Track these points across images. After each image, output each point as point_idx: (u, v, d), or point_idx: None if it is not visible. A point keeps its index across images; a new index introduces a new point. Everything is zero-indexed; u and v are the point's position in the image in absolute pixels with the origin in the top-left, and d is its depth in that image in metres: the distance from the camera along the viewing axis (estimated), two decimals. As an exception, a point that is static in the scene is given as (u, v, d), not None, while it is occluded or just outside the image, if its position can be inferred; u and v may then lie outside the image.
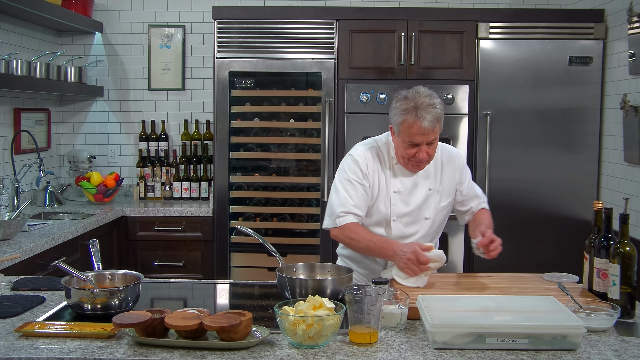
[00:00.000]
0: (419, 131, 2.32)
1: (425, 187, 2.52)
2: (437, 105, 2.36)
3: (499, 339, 1.70)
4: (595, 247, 2.10)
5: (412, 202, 2.50)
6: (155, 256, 4.18)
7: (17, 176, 3.99)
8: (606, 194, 3.94)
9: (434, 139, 2.39)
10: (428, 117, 2.32)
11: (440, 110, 2.36)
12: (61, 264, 2.06)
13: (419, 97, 2.34)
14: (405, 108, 2.34)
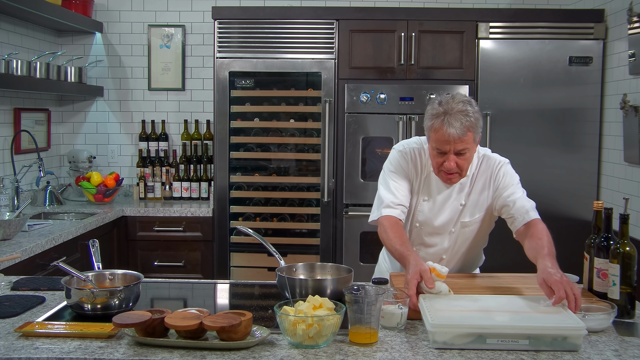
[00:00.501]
0: (445, 138, 2.19)
1: (458, 202, 2.38)
2: (470, 113, 2.20)
3: (499, 339, 1.70)
4: (595, 247, 2.10)
5: (441, 215, 2.39)
6: (155, 256, 4.18)
7: (17, 176, 3.99)
8: (606, 194, 3.94)
9: (464, 149, 2.22)
10: (456, 124, 2.18)
11: (473, 118, 2.20)
12: (61, 264, 2.06)
13: (452, 102, 2.21)
14: (435, 113, 2.23)
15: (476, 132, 2.24)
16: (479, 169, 2.40)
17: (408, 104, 4.01)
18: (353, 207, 4.05)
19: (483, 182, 2.39)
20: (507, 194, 2.37)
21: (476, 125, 2.23)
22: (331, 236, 4.12)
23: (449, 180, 2.32)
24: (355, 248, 4.06)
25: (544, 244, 2.19)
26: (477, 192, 2.40)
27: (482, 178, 2.40)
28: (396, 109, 4.01)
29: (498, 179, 2.39)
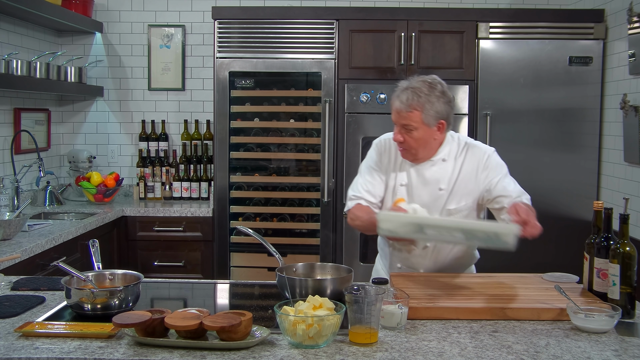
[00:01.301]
0: (392, 108, 2.31)
1: (437, 187, 2.39)
2: (423, 92, 2.28)
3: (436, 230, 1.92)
4: (595, 247, 2.10)
5: (418, 199, 2.37)
6: (155, 256, 4.18)
7: (17, 176, 3.99)
8: (606, 194, 3.94)
9: (408, 124, 2.29)
10: (403, 98, 2.29)
11: (424, 99, 2.27)
12: (61, 264, 2.06)
13: (416, 80, 2.33)
14: (399, 85, 2.38)
15: (426, 113, 2.27)
16: (465, 156, 2.41)
17: (408, 104, 4.00)
18: (353, 207, 4.05)
19: (471, 169, 2.40)
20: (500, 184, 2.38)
21: (425, 106, 2.27)
22: (331, 236, 4.12)
23: (402, 154, 2.40)
24: (355, 248, 4.05)
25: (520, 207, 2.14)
26: (464, 180, 2.39)
27: (470, 166, 2.40)
28: (396, 109, 4.00)
29: (488, 169, 2.40)
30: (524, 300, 2.08)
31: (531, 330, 1.89)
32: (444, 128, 2.35)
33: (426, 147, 2.37)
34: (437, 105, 2.29)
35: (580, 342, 1.79)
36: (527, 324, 1.95)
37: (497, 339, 1.81)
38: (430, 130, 2.32)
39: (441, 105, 2.31)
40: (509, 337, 1.83)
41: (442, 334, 1.85)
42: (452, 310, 1.99)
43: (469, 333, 1.86)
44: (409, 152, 2.38)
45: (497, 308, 1.99)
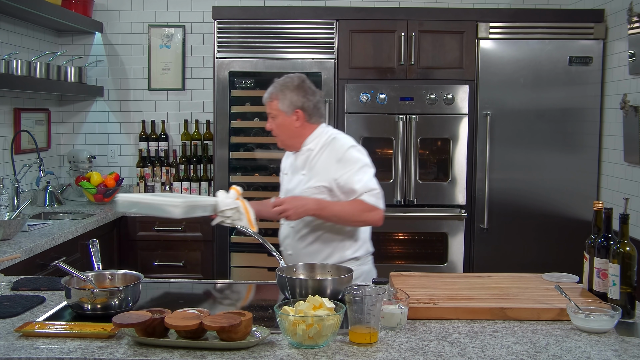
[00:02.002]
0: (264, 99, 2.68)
1: (301, 172, 2.67)
2: (279, 84, 2.63)
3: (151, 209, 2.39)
4: (595, 247, 2.10)
5: (291, 185, 2.70)
6: (155, 256, 4.18)
7: (17, 176, 3.99)
8: (606, 194, 3.94)
9: (270, 112, 2.65)
10: (269, 90, 2.66)
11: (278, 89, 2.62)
12: (61, 264, 2.06)
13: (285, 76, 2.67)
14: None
15: (282, 102, 2.61)
16: (327, 148, 2.64)
17: (408, 104, 4.01)
18: (353, 207, 4.05)
19: (327, 157, 2.62)
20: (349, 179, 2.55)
21: (279, 96, 2.62)
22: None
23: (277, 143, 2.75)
24: (355, 248, 4.05)
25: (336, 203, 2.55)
26: (320, 165, 2.62)
27: (327, 154, 2.63)
28: (396, 109, 4.01)
29: (341, 162, 2.59)
30: (524, 300, 2.08)
31: (531, 330, 1.89)
32: (302, 117, 2.63)
33: (291, 135, 2.67)
34: (290, 95, 2.61)
35: (580, 342, 1.79)
36: (527, 324, 1.95)
37: (497, 339, 1.81)
38: (289, 118, 2.63)
39: (295, 97, 2.61)
40: (509, 337, 1.83)
41: (442, 334, 1.85)
42: (452, 310, 1.99)
43: (469, 333, 1.86)
44: (279, 140, 2.71)
45: (497, 308, 1.99)
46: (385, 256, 4.24)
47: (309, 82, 2.68)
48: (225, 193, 2.51)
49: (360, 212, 2.51)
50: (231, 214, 2.49)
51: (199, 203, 2.48)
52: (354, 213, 2.51)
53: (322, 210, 2.50)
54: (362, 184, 2.53)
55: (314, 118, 2.66)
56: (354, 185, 2.53)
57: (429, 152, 4.12)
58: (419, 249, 4.23)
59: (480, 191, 4.03)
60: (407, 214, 4.02)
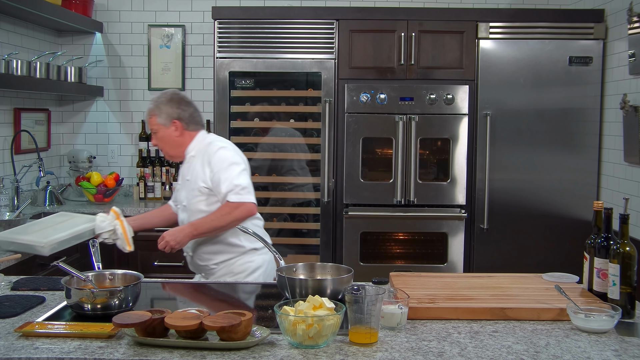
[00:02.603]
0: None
1: (186, 178, 2.85)
2: (153, 102, 2.83)
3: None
4: (595, 247, 2.10)
5: (180, 191, 2.90)
6: (155, 256, 4.17)
7: (17, 176, 3.99)
8: (606, 194, 3.94)
9: (152, 128, 2.84)
10: (147, 109, 2.88)
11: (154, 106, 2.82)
12: (61, 264, 2.06)
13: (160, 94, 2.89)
14: None
15: (159, 117, 2.80)
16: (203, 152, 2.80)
17: (408, 104, 4.01)
18: (353, 207, 4.05)
19: (201, 161, 2.77)
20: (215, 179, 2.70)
21: (156, 111, 2.80)
22: (331, 236, 4.12)
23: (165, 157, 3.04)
24: (355, 248, 4.06)
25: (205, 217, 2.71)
26: (198, 169, 2.78)
27: (201, 158, 2.78)
28: (396, 109, 4.01)
29: (210, 164, 2.74)
30: (524, 300, 2.08)
31: (531, 330, 1.89)
32: (180, 127, 2.82)
33: (173, 145, 2.85)
34: (165, 109, 2.80)
35: (580, 342, 1.79)
36: (527, 324, 1.95)
37: (497, 339, 1.81)
38: (168, 129, 2.82)
39: (170, 109, 2.81)
40: (509, 337, 1.83)
41: (442, 334, 1.85)
42: (452, 310, 1.99)
43: (469, 333, 1.86)
44: (165, 153, 2.90)
45: (497, 308, 1.99)
46: (385, 256, 4.25)
47: (182, 94, 2.93)
48: (104, 215, 2.73)
49: (227, 215, 2.65)
50: (108, 235, 2.71)
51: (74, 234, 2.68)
52: (222, 218, 2.65)
53: (197, 229, 2.68)
54: (227, 184, 2.68)
55: (192, 126, 2.86)
56: (220, 186, 2.69)
57: (429, 152, 4.12)
58: (419, 249, 4.23)
59: (480, 191, 4.03)
60: (407, 214, 4.03)
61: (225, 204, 2.66)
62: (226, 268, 2.80)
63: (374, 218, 4.03)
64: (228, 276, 2.79)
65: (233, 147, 2.84)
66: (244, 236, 2.78)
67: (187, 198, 2.81)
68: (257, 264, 2.81)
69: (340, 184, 4.07)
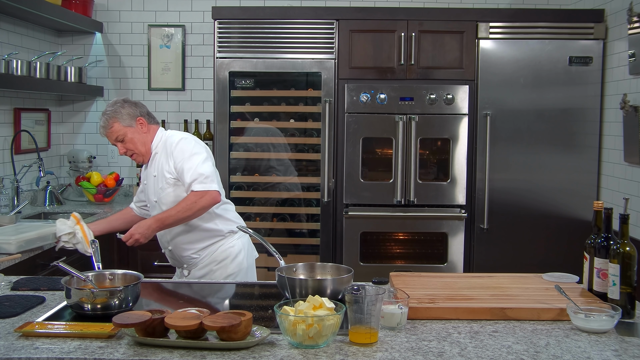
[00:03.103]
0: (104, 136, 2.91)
1: (152, 175, 2.89)
2: (108, 110, 2.88)
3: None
4: (595, 247, 2.10)
5: (147, 190, 2.93)
6: (155, 256, 4.16)
7: (17, 176, 3.99)
8: (606, 194, 3.94)
9: (118, 136, 2.85)
10: (100, 124, 2.91)
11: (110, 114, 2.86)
12: (61, 264, 2.06)
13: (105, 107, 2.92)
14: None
15: (122, 121, 2.85)
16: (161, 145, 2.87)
17: (408, 104, 4.01)
18: (353, 207, 4.05)
19: (165, 155, 2.83)
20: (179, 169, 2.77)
21: (115, 116, 2.85)
22: (331, 236, 4.12)
23: (137, 161, 2.95)
24: (355, 248, 4.06)
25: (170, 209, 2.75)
26: (161, 163, 2.84)
27: (164, 152, 2.84)
28: (396, 109, 4.01)
29: (173, 155, 2.80)
30: (524, 300, 2.08)
31: (531, 330, 1.89)
32: (145, 122, 2.88)
33: (143, 143, 2.88)
34: (125, 111, 2.86)
35: (580, 342, 1.79)
36: (527, 324, 1.95)
37: (497, 339, 1.81)
38: (135, 129, 2.87)
39: (129, 109, 2.87)
40: (509, 337, 1.83)
41: (442, 334, 1.85)
42: (452, 310, 1.99)
43: (469, 333, 1.86)
44: (138, 156, 2.90)
45: (497, 308, 1.99)
46: (385, 256, 4.25)
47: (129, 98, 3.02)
48: (64, 220, 2.80)
49: (192, 204, 2.70)
50: (67, 238, 2.78)
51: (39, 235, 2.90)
52: (188, 207, 2.70)
53: (163, 222, 2.72)
54: (191, 173, 2.73)
55: (152, 121, 2.94)
56: (184, 176, 2.75)
57: (429, 152, 4.12)
58: (419, 249, 4.23)
59: (480, 191, 4.03)
60: (407, 214, 4.03)
61: (191, 193, 2.71)
62: (209, 256, 2.86)
63: (374, 218, 4.03)
64: (213, 264, 2.85)
65: (193, 138, 2.89)
66: (219, 220, 2.87)
67: (157, 193, 2.86)
68: (238, 248, 2.91)
69: (340, 184, 4.07)
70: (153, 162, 2.90)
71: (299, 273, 2.25)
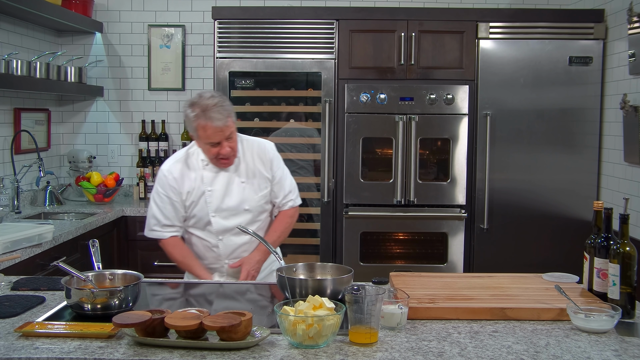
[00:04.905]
0: (214, 131, 2.49)
1: (239, 181, 2.67)
2: (225, 103, 2.54)
3: None
4: (595, 247, 2.10)
5: (228, 197, 2.66)
6: (155, 256, 4.17)
7: (17, 176, 3.99)
8: (606, 194, 3.94)
9: (231, 132, 2.54)
10: (218, 116, 2.49)
11: (228, 106, 2.54)
12: (61, 264, 2.06)
13: (204, 99, 2.51)
14: (196, 114, 2.51)
15: (234, 116, 2.57)
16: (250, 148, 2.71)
17: (408, 104, 4.01)
18: (353, 207, 4.05)
19: (261, 161, 2.70)
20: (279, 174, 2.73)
21: (232, 111, 2.57)
22: (331, 236, 4.12)
23: (225, 165, 2.63)
24: (355, 248, 4.06)
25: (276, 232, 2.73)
26: (258, 171, 2.69)
27: (260, 158, 2.70)
28: (396, 109, 4.01)
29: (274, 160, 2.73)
30: (524, 300, 2.08)
31: (531, 330, 1.89)
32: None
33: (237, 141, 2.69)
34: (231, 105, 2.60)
35: (580, 342, 1.79)
36: (527, 324, 1.95)
37: (497, 339, 1.81)
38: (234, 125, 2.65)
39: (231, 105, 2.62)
40: (509, 337, 1.83)
41: (442, 334, 1.85)
42: (452, 310, 1.99)
43: (469, 333, 1.86)
44: (233, 156, 2.62)
45: (497, 308, 1.99)
46: (385, 256, 4.25)
47: None
48: None
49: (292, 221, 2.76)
50: None
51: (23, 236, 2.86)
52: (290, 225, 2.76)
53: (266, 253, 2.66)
54: (289, 182, 2.75)
55: None
56: (284, 184, 2.73)
57: (429, 152, 4.12)
58: (419, 249, 4.23)
59: (480, 191, 4.03)
60: (407, 214, 4.03)
61: (295, 209, 2.75)
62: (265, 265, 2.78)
63: (374, 218, 4.04)
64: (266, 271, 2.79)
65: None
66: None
67: (249, 200, 2.67)
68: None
69: (340, 184, 4.07)
70: (239, 167, 2.67)
71: (299, 273, 2.25)
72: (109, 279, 2.13)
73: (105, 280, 2.12)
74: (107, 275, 2.13)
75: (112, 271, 2.15)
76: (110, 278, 2.13)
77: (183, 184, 2.66)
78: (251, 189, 2.68)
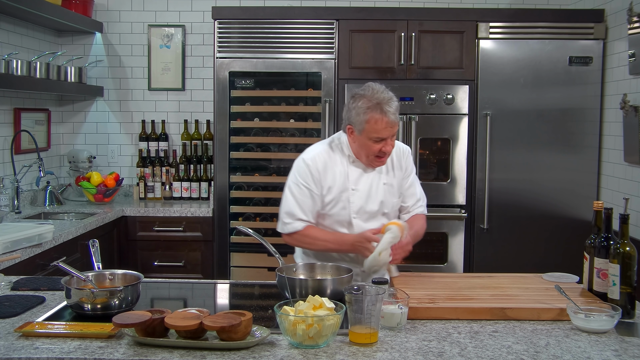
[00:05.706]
0: (386, 125, 2.36)
1: (381, 183, 2.54)
2: (395, 98, 2.41)
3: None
4: (595, 247, 2.10)
5: (371, 199, 2.51)
6: (155, 256, 4.18)
7: (17, 176, 3.99)
8: (606, 194, 3.94)
9: (395, 133, 2.44)
10: (392, 110, 2.37)
11: (398, 102, 2.42)
12: (61, 264, 2.06)
13: (378, 93, 2.38)
14: (369, 106, 2.36)
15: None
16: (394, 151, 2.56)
17: (408, 104, 4.01)
18: (353, 207, 4.05)
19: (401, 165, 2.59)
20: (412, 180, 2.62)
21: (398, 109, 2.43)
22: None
23: (380, 164, 2.49)
24: (355, 248, 4.05)
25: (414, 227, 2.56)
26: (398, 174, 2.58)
27: (400, 161, 2.59)
28: (396, 109, 4.00)
29: (410, 165, 2.62)
30: (524, 300, 2.08)
31: (531, 330, 1.89)
32: None
33: None
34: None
35: (580, 342, 1.79)
36: (527, 324, 1.95)
37: (497, 339, 1.81)
38: None
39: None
40: (509, 337, 1.83)
41: (442, 334, 1.85)
42: (452, 310, 1.99)
43: (469, 333, 1.86)
44: (387, 158, 2.49)
45: (497, 308, 1.99)
46: (385, 256, 4.24)
47: None
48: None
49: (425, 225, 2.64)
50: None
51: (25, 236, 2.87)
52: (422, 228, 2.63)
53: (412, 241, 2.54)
54: (419, 189, 2.64)
55: None
56: (415, 189, 2.62)
57: (429, 152, 4.12)
58: (419, 249, 4.19)
59: (480, 191, 4.03)
60: (407, 214, 4.02)
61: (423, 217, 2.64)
62: None
63: (374, 218, 4.03)
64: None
65: None
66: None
67: (388, 204, 2.54)
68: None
69: (340, 184, 4.06)
70: (381, 168, 2.54)
71: (299, 273, 2.25)
72: (109, 279, 2.13)
73: (105, 280, 2.12)
74: (107, 275, 2.13)
75: (112, 271, 2.15)
76: (110, 278, 2.13)
77: (326, 176, 2.49)
78: (390, 192, 2.55)
